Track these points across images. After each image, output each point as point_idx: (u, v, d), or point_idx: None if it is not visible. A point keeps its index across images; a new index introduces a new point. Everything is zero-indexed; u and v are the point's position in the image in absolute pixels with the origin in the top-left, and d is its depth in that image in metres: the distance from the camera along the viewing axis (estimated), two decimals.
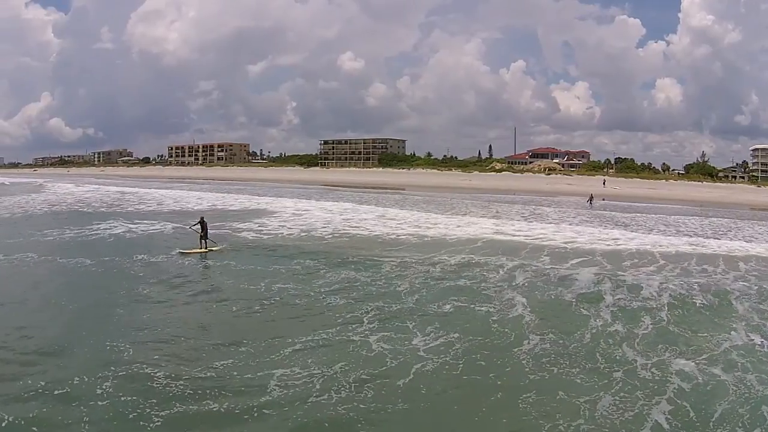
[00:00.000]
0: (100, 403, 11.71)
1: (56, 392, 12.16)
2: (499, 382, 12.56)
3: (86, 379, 12.73)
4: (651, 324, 16.73)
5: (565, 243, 32.30)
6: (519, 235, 35.27)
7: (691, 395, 12.03)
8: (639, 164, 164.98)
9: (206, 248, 28.75)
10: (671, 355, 14.21)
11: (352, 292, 20.33)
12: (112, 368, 13.30)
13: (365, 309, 17.92)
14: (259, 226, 39.51)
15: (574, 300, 19.34)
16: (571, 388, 12.19)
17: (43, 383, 12.59)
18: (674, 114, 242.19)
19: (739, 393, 12.24)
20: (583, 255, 28.26)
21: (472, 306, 18.40)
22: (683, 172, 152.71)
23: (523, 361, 13.71)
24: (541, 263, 25.92)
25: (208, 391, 12.18)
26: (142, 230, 37.63)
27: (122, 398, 11.85)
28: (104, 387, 12.34)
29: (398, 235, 35.09)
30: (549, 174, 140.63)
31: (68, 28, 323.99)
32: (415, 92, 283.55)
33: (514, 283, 21.65)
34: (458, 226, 39.45)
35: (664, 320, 17.23)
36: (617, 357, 14.06)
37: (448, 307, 18.25)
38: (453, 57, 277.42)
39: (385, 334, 15.56)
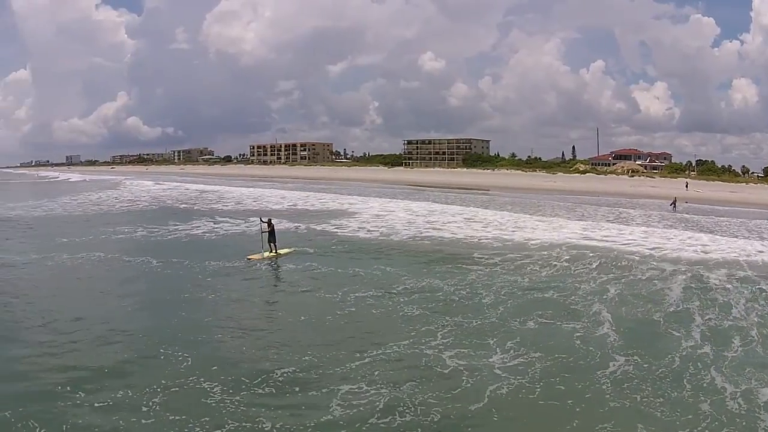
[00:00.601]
0: (144, 421, 10.74)
1: (96, 405, 11.30)
2: (577, 409, 11.43)
3: (131, 394, 11.78)
4: (740, 346, 15.18)
5: (654, 250, 30.00)
6: (607, 241, 33.19)
7: None
8: (719, 167, 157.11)
9: (275, 252, 27.14)
10: (759, 383, 12.71)
11: (432, 302, 19.03)
12: (163, 382, 12.33)
13: (443, 321, 16.68)
14: (336, 228, 38.23)
15: (662, 318, 17.67)
16: (652, 422, 10.96)
17: (82, 394, 11.75)
18: (751, 115, 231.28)
19: None
20: (672, 264, 26.26)
21: (558, 322, 17.00)
22: (762, 175, 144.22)
23: (604, 386, 12.49)
24: (629, 273, 24.20)
25: (263, 409, 11.24)
26: (216, 230, 37.12)
27: (170, 417, 10.86)
28: (151, 403, 11.38)
29: (487, 239, 33.63)
30: (632, 176, 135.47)
31: (141, 28, 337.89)
32: (497, 92, 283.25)
33: (602, 297, 19.92)
34: (545, 230, 37.37)
35: (754, 340, 15.64)
36: (704, 384, 12.65)
37: (531, 322, 16.91)
38: (533, 57, 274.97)
39: (462, 350, 14.44)
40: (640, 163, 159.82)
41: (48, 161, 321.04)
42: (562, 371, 13.27)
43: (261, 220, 28.46)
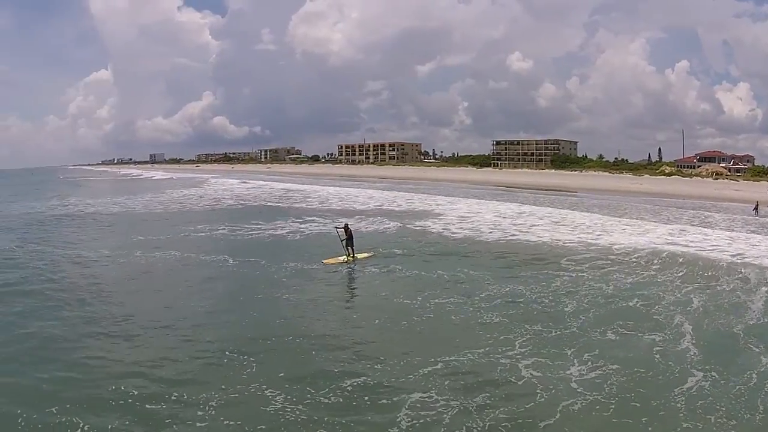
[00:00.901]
0: (198, 425, 10.05)
1: (147, 407, 10.68)
2: (649, 428, 10.63)
3: (186, 397, 11.08)
4: None
5: (738, 257, 27.75)
6: (692, 246, 30.90)
7: None
8: None
9: (352, 256, 25.65)
10: None
11: (513, 309, 17.92)
12: (223, 387, 11.52)
13: (522, 330, 15.72)
14: (422, 229, 36.72)
15: (742, 331, 16.30)
16: None
17: (134, 392, 11.14)
18: None
19: None
20: (756, 273, 24.18)
21: (638, 334, 15.79)
22: None
23: (678, 404, 11.63)
24: (714, 283, 22.47)
25: (326, 418, 10.38)
26: (302, 230, 35.63)
27: (224, 422, 10.13)
28: (207, 408, 10.63)
29: (572, 243, 31.79)
30: (716, 179, 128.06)
31: (226, 30, 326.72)
32: (585, 93, 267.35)
33: (685, 308, 18.43)
34: (632, 234, 35.09)
35: None
36: None
37: (612, 333, 15.78)
38: (619, 57, 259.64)
39: (539, 360, 13.58)
40: (724, 165, 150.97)
41: (131, 159, 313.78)
42: (638, 386, 12.48)
43: (336, 228, 26.98)
